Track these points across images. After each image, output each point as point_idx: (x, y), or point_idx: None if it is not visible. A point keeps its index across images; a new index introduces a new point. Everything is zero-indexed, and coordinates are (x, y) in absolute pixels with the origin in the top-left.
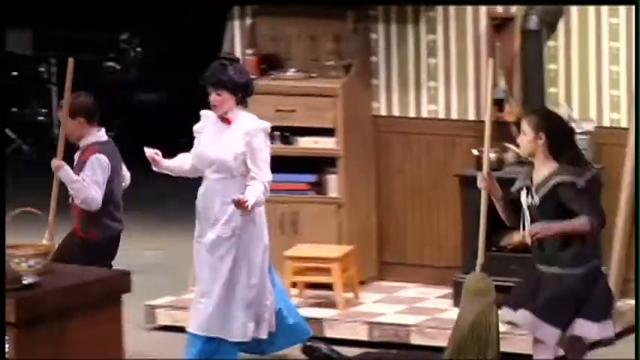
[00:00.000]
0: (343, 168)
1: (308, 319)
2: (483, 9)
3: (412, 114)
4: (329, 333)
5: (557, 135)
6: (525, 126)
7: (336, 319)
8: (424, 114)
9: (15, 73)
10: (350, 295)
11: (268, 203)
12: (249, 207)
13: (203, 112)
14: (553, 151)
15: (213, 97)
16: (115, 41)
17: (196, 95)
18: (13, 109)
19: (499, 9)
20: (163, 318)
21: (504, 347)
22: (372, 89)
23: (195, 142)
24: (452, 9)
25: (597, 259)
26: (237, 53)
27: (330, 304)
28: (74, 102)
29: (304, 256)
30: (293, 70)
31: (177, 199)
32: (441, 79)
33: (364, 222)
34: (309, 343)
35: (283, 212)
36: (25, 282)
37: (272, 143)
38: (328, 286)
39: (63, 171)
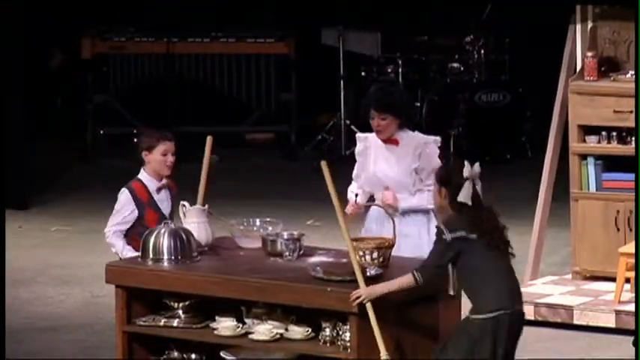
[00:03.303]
0: None
1: None
2: None
3: None
4: None
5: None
6: None
7: None
8: None
9: (363, 74)
10: None
11: (604, 201)
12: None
13: (360, 136)
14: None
15: (377, 122)
16: (460, 44)
17: (540, 97)
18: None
19: None
20: None
21: None
22: None
23: (358, 165)
24: None
25: None
26: (578, 55)
27: None
28: None
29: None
30: (632, 72)
31: None
32: None
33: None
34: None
35: (619, 210)
36: (368, 274)
37: (609, 143)
38: None
39: None
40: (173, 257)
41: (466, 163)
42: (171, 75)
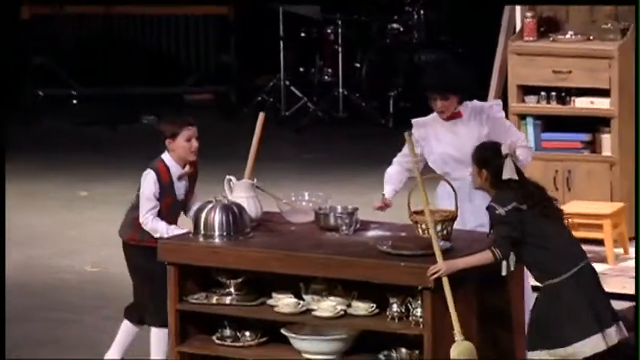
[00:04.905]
0: (617, 128)
1: None
2: None
3: None
4: None
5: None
6: None
7: (605, 274)
8: None
9: (302, 35)
10: (620, 250)
11: (543, 161)
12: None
13: (415, 121)
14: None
15: (439, 104)
16: (399, 4)
17: (475, 56)
18: (301, 69)
19: None
20: None
21: None
22: None
23: (425, 151)
24: None
25: None
26: (517, 16)
27: (601, 259)
28: None
29: (577, 212)
30: (571, 32)
31: None
32: None
33: (636, 180)
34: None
35: (557, 170)
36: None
37: (549, 103)
38: (599, 242)
39: None
40: (225, 233)
41: (502, 142)
42: (110, 36)
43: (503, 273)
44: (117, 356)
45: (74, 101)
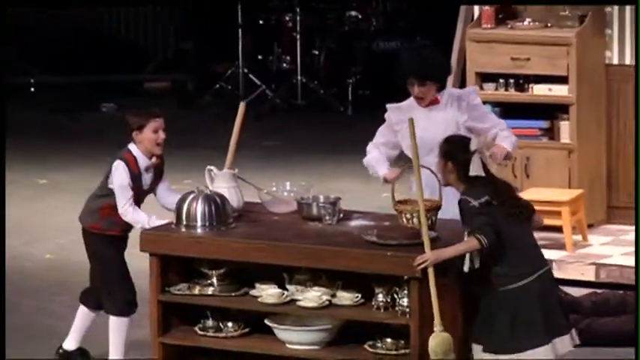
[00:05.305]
0: (575, 115)
1: None
2: None
3: None
4: (557, 274)
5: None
6: None
7: (564, 261)
8: None
9: (261, 22)
10: (578, 237)
11: None
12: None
13: (391, 106)
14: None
15: (417, 90)
16: None
17: (435, 44)
18: (259, 57)
19: None
20: None
21: None
22: (605, 38)
23: (400, 136)
24: None
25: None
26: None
27: (559, 246)
28: None
29: (535, 199)
30: (529, 20)
31: None
32: None
33: (594, 167)
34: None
35: (516, 157)
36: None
37: (507, 90)
38: (558, 229)
39: None
40: (207, 223)
41: (472, 137)
42: (70, 24)
43: (465, 269)
44: (75, 343)
45: (33, 89)
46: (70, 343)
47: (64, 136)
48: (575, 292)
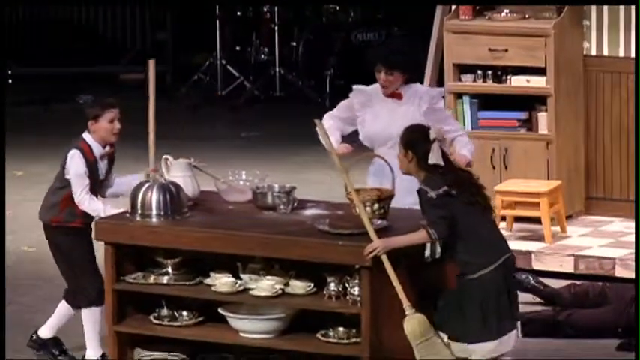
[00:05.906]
0: (553, 106)
1: (516, 252)
2: None
3: (622, 54)
4: (536, 265)
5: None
6: None
7: (542, 252)
8: (633, 54)
9: (239, 14)
10: (557, 228)
11: (480, 140)
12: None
13: (357, 88)
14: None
15: (383, 77)
16: None
17: (414, 35)
18: (237, 48)
19: None
20: None
21: None
22: (582, 29)
23: (359, 121)
24: None
25: None
26: None
27: (538, 238)
28: None
29: (513, 190)
30: (507, 11)
31: None
32: None
33: (572, 158)
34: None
35: (494, 148)
36: (374, 226)
37: (485, 81)
38: (536, 220)
39: None
40: (162, 212)
41: (431, 126)
42: (46, 15)
43: (426, 257)
44: (50, 332)
45: (9, 80)
46: (45, 331)
47: (41, 127)
48: (554, 283)
